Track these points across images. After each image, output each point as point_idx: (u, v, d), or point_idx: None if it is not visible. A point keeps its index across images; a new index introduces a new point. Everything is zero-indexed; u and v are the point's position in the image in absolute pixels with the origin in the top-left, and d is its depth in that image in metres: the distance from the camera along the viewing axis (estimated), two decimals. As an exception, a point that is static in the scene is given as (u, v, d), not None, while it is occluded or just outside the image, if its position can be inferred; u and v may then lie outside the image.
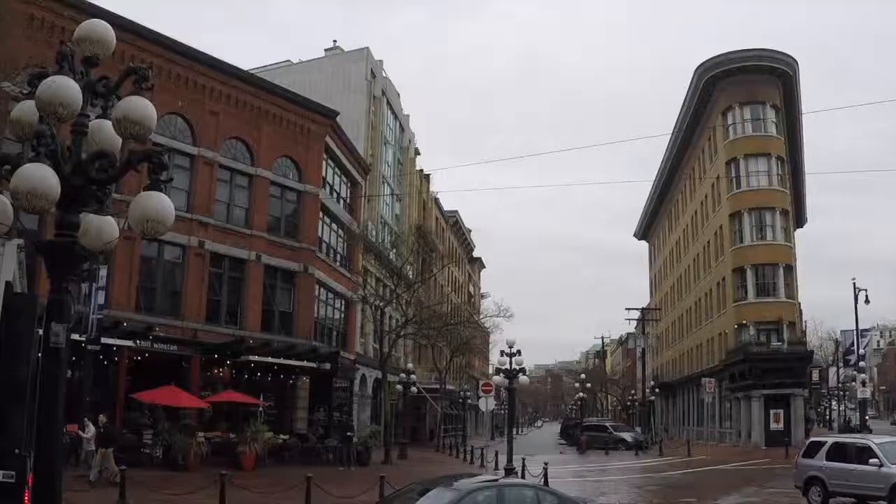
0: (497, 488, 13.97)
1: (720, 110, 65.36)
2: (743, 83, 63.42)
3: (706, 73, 64.78)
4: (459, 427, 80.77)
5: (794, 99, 65.86)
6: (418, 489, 14.64)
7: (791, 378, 56.90)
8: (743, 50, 63.62)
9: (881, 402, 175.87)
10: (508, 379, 30.87)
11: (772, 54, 63.08)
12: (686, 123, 73.21)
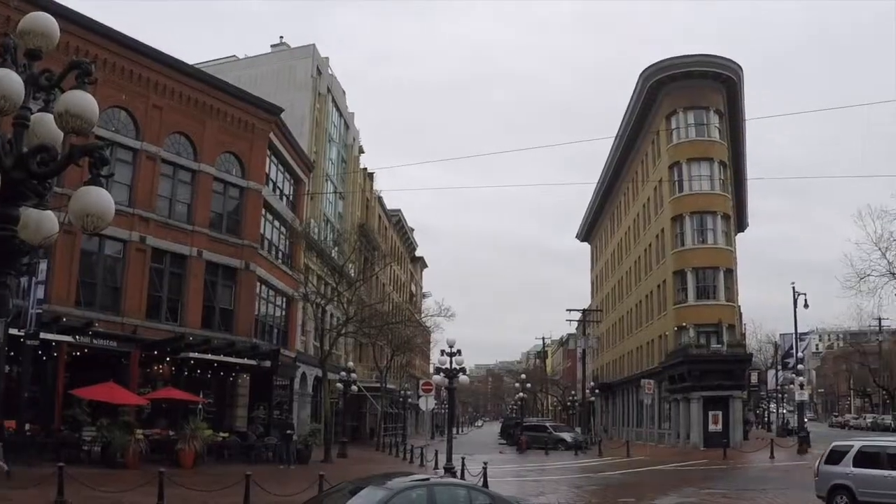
0: (428, 487, 13.94)
1: (664, 114, 65.85)
2: (687, 88, 63.97)
3: (651, 78, 65.22)
4: (400, 426, 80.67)
5: (738, 104, 66.60)
6: (350, 488, 14.62)
7: (730, 380, 57.54)
8: (688, 55, 64.09)
9: (819, 404, 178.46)
10: (449, 378, 30.88)
11: (716, 60, 63.61)
12: (630, 127, 73.68)
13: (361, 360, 70.80)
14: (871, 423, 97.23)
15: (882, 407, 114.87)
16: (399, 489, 13.58)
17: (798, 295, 62.33)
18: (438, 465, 37.20)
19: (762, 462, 42.33)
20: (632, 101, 70.84)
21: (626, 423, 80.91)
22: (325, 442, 43.82)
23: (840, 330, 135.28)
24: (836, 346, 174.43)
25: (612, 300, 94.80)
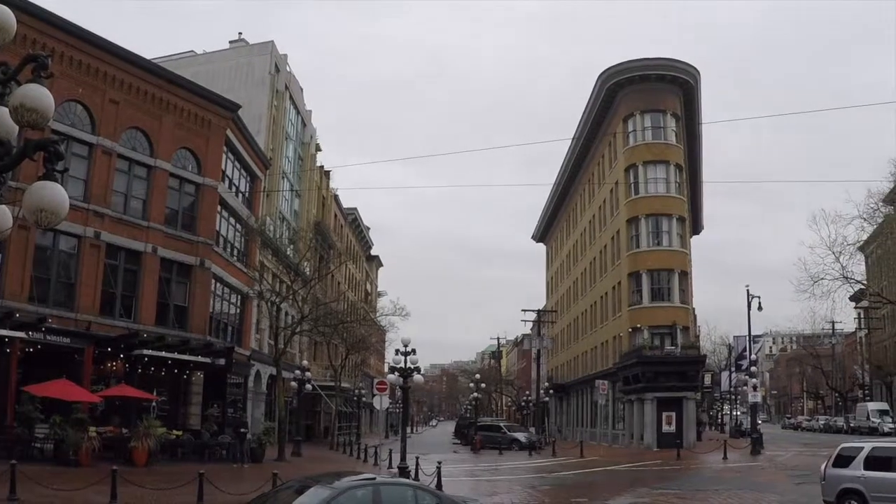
0: (374, 486, 13.86)
1: (621, 117, 66.15)
2: (645, 91, 64.35)
3: (609, 80, 65.50)
4: (354, 425, 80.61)
5: (695, 108, 67.12)
6: (296, 486, 14.51)
7: (684, 381, 57.92)
8: (645, 58, 64.50)
9: (772, 406, 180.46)
10: (403, 378, 30.83)
11: (674, 64, 64.06)
12: (587, 128, 74.01)
13: (316, 358, 70.58)
14: (824, 425, 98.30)
15: (835, 409, 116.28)
16: (344, 488, 13.47)
17: (752, 298, 62.91)
18: (392, 465, 37.20)
19: (715, 463, 42.61)
20: (589, 103, 71.12)
21: (581, 424, 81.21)
22: (279, 441, 43.61)
23: (793, 333, 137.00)
24: (789, 348, 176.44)
25: (567, 301, 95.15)
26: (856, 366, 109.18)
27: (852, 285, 61.22)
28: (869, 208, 57.33)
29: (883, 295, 71.45)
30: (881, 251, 70.75)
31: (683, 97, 65.38)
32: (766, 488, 28.56)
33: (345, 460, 47.17)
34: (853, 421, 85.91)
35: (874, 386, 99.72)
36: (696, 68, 64.82)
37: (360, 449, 49.59)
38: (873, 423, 77.46)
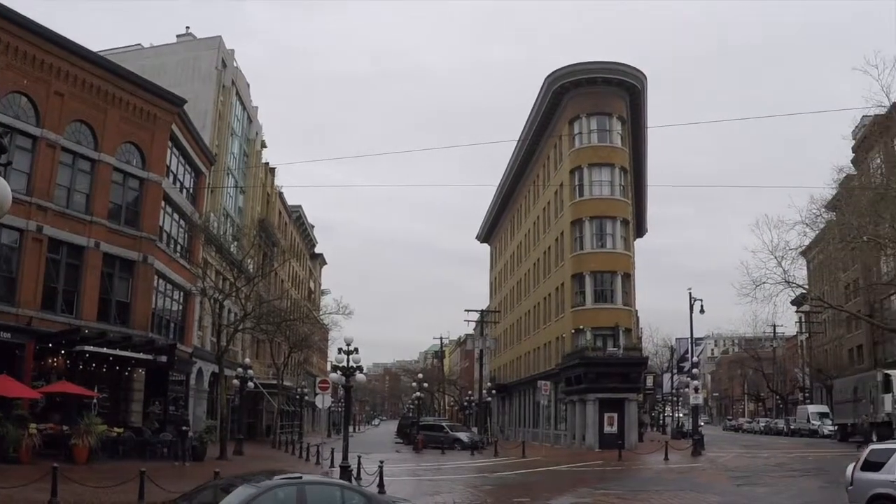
0: (298, 486, 13.77)
1: (567, 119, 66.24)
2: (591, 94, 64.55)
3: (556, 82, 65.62)
4: (296, 424, 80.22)
5: (641, 112, 67.55)
6: (222, 484, 14.46)
7: (626, 383, 58.24)
8: (593, 62, 64.66)
9: (714, 408, 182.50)
10: (346, 376, 30.65)
11: (620, 67, 64.28)
12: (533, 130, 74.09)
13: (258, 356, 70.26)
14: (765, 428, 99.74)
15: (775, 411, 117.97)
16: (268, 487, 13.39)
17: (694, 301, 63.58)
18: (334, 464, 37.03)
19: (657, 464, 42.84)
20: (536, 105, 71.24)
21: (523, 424, 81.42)
22: (221, 439, 43.33)
23: (735, 335, 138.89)
24: (731, 351, 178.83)
25: (510, 301, 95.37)
26: (796, 369, 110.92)
27: (794, 290, 61.98)
28: (811, 214, 58.18)
29: (824, 299, 72.39)
30: (823, 256, 71.67)
31: (630, 101, 65.70)
32: (707, 489, 28.78)
33: (287, 459, 46.90)
34: (794, 423, 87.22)
35: (814, 389, 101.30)
36: (642, 72, 65.21)
37: (303, 448, 49.35)
38: (813, 425, 78.66)
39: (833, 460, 40.85)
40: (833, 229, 58.93)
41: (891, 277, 69.48)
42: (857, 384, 60.19)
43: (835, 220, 58.59)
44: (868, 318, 73.96)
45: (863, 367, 79.41)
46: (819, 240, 67.01)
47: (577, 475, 36.53)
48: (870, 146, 64.41)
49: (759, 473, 34.76)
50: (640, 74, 65.08)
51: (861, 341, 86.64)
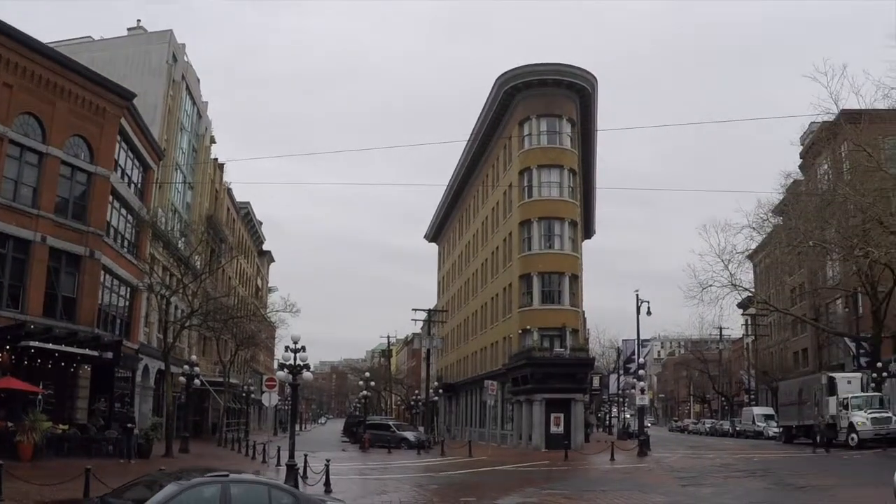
0: (223, 484, 13.66)
1: (517, 120, 66.40)
2: (542, 96, 64.80)
3: (507, 84, 65.78)
4: (242, 422, 79.84)
5: (591, 114, 67.93)
6: (146, 480, 14.41)
7: (572, 383, 58.50)
8: (544, 63, 64.92)
9: (659, 409, 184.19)
10: (292, 374, 30.39)
11: (571, 70, 64.57)
12: (483, 130, 74.24)
13: (205, 353, 69.88)
14: (710, 429, 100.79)
15: (721, 413, 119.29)
16: (192, 484, 13.30)
17: (641, 302, 64.03)
18: (281, 462, 36.85)
19: (603, 464, 43.03)
20: (486, 106, 71.36)
21: (469, 424, 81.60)
22: (167, 436, 43.01)
23: (682, 337, 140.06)
24: (677, 352, 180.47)
25: (458, 301, 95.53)
26: (742, 371, 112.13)
27: (740, 293, 62.99)
28: (759, 218, 59.18)
29: (770, 303, 73.49)
30: (769, 260, 72.73)
31: (580, 103, 66.01)
32: (653, 489, 28.89)
33: (232, 457, 46.62)
34: (739, 425, 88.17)
35: (760, 391, 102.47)
36: (593, 75, 65.58)
37: (249, 446, 49.06)
38: (759, 427, 79.52)
39: (778, 461, 41.38)
40: (780, 234, 59.84)
41: (836, 282, 70.56)
42: (801, 387, 60.94)
43: (782, 224, 59.51)
44: (813, 322, 75.06)
45: (808, 369, 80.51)
46: (766, 244, 67.98)
47: (523, 475, 36.56)
48: (817, 152, 65.30)
49: (705, 474, 34.96)
50: (591, 77, 65.44)
51: (806, 344, 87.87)
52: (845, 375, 57.04)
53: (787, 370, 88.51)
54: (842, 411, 51.84)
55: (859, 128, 47.01)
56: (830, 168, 61.10)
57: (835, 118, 48.50)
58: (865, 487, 27.57)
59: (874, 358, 57.38)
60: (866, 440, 48.34)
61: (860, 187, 45.33)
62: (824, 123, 54.46)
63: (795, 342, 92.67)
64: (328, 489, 26.31)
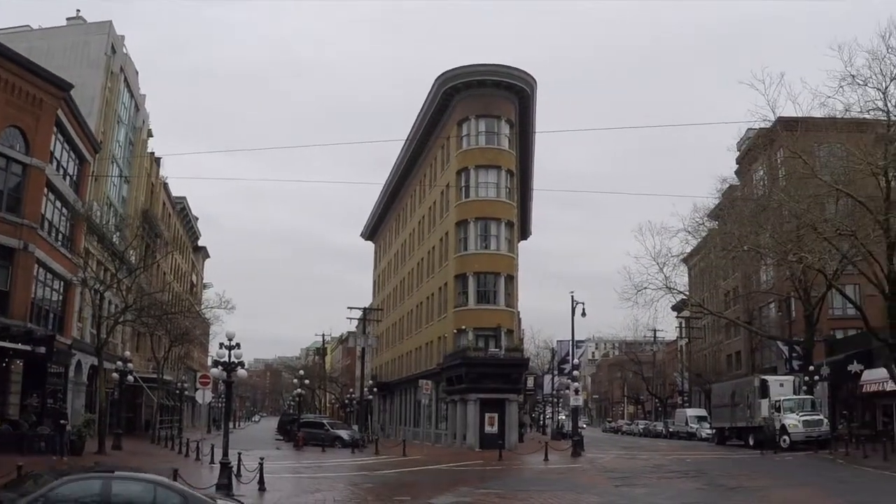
0: (104, 480, 13.55)
1: (456, 120, 66.46)
2: (481, 96, 64.92)
3: (446, 83, 65.81)
4: (176, 419, 79.08)
5: (529, 116, 68.15)
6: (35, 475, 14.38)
7: (507, 383, 58.71)
8: (484, 64, 65.01)
9: (594, 409, 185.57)
10: (227, 372, 30.20)
11: (510, 71, 64.74)
12: (422, 130, 74.26)
13: (139, 349, 69.03)
14: (644, 430, 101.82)
15: (654, 414, 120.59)
16: (67, 480, 13.24)
17: (577, 304, 64.62)
18: (214, 460, 36.63)
19: (537, 464, 43.27)
20: (425, 105, 71.36)
21: (404, 423, 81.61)
22: (100, 433, 42.61)
23: (616, 339, 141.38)
24: (611, 354, 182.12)
25: (393, 300, 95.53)
26: (675, 373, 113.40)
27: (675, 295, 63.72)
28: (694, 222, 59.97)
29: (704, 306, 74.44)
30: (704, 264, 73.71)
31: (519, 104, 66.27)
32: (587, 489, 29.13)
33: (165, 454, 46.32)
34: (672, 426, 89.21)
35: (693, 393, 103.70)
36: (532, 77, 65.83)
37: (182, 443, 48.70)
38: (692, 428, 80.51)
39: (710, 463, 41.94)
40: (715, 238, 60.66)
41: (770, 286, 71.70)
42: (734, 389, 61.83)
43: (717, 229, 60.30)
44: (746, 325, 76.20)
45: (740, 372, 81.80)
46: (701, 248, 68.83)
47: (457, 474, 36.67)
48: (754, 158, 66.25)
49: (638, 475, 35.31)
50: (530, 79, 65.69)
51: (739, 347, 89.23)
52: (778, 378, 58.09)
53: (720, 372, 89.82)
54: (774, 414, 52.75)
55: (795, 135, 47.71)
56: (766, 174, 61.93)
57: (772, 125, 49.18)
58: (797, 488, 28.15)
59: (806, 361, 58.49)
60: (798, 442, 49.31)
61: (795, 193, 46.00)
62: (761, 130, 55.17)
63: (729, 345, 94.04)
64: (262, 487, 26.33)
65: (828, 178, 44.36)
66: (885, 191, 42.14)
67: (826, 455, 43.88)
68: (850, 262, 47.63)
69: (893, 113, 40.95)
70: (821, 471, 35.36)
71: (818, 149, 49.15)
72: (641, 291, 60.04)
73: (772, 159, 60.66)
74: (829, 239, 44.64)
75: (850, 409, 58.31)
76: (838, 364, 57.37)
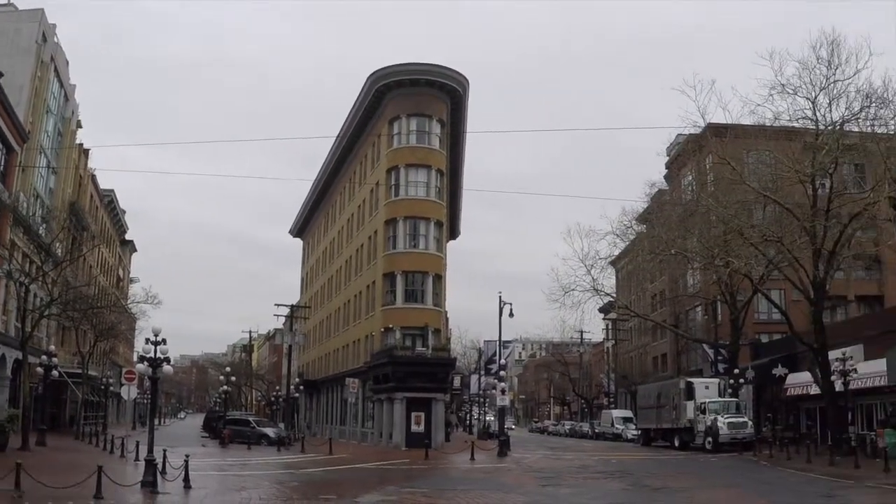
0: None
1: (388, 119, 66.43)
2: (413, 95, 64.99)
3: (379, 81, 65.67)
4: (101, 415, 78.14)
5: (461, 116, 68.41)
6: None
7: (433, 383, 58.94)
8: (417, 63, 65.08)
9: (520, 410, 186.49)
10: (152, 368, 29.90)
11: (443, 70, 64.87)
12: (353, 127, 74.04)
13: (64, 344, 68.16)
14: (570, 430, 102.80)
15: (580, 415, 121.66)
16: None
17: (504, 304, 64.89)
18: (139, 457, 36.28)
19: (463, 463, 43.42)
20: (357, 102, 71.14)
21: (330, 421, 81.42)
22: (24, 429, 41.92)
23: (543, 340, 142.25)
24: (538, 354, 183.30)
25: (321, 297, 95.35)
26: (602, 374, 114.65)
27: (602, 297, 64.46)
28: (623, 225, 60.78)
29: (631, 308, 75.33)
30: (631, 267, 74.54)
31: (451, 104, 66.48)
32: (513, 489, 29.30)
33: (90, 451, 45.82)
34: (598, 427, 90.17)
35: (619, 394, 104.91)
36: (465, 77, 66.05)
37: (107, 440, 48.13)
38: (617, 429, 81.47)
39: (636, 463, 42.52)
40: (643, 241, 61.53)
41: (696, 290, 72.80)
42: (660, 391, 62.68)
43: (645, 232, 61.17)
44: (673, 328, 77.31)
45: (667, 374, 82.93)
46: (629, 250, 69.63)
47: (383, 473, 36.73)
48: (683, 163, 67.24)
49: (564, 475, 35.64)
50: (463, 79, 65.90)
51: (666, 350, 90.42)
52: (703, 381, 59.14)
53: (646, 374, 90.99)
54: (699, 415, 53.69)
55: (725, 141, 48.61)
56: (695, 179, 63.00)
57: (701, 131, 50.00)
58: (721, 490, 28.70)
59: (732, 364, 59.56)
60: (723, 444, 50.30)
61: (723, 199, 46.90)
62: (691, 136, 56.11)
63: (655, 347, 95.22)
64: (187, 485, 26.21)
65: (756, 184, 45.26)
66: (812, 198, 43.20)
67: (750, 457, 44.75)
68: (776, 267, 48.67)
69: (822, 122, 41.92)
70: (745, 472, 36.03)
71: (747, 156, 50.11)
72: (569, 293, 60.80)
73: (701, 165, 61.68)
74: (755, 244, 45.57)
75: (774, 412, 59.49)
76: (763, 367, 58.49)
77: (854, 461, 35.01)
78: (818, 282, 43.59)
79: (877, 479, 29.61)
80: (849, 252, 47.94)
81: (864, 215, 42.24)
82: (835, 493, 26.15)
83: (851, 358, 41.45)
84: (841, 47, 40.80)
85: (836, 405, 43.58)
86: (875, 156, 40.08)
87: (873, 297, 69.16)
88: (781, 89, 41.67)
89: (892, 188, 38.68)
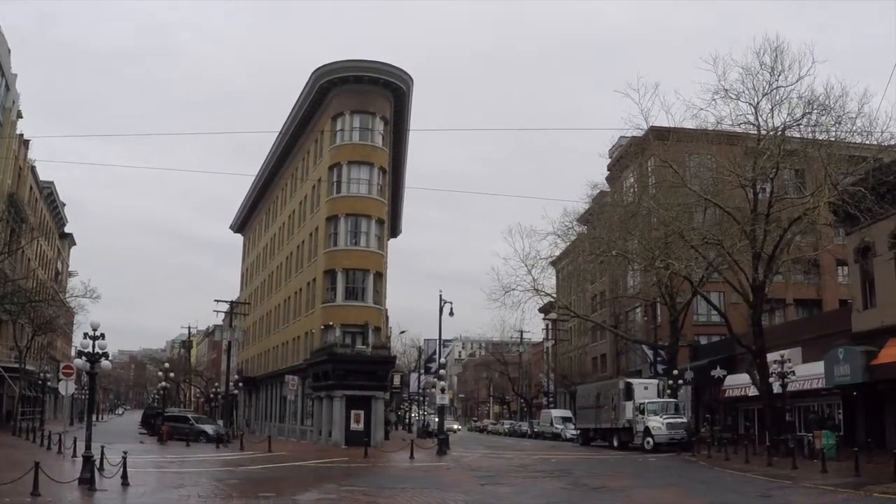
0: None
1: (331, 115, 66.29)
2: (357, 92, 64.89)
3: (323, 77, 65.42)
4: (38, 410, 77.34)
5: (404, 114, 68.51)
6: None
7: (373, 381, 58.84)
8: (361, 60, 65.04)
9: (459, 408, 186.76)
10: (90, 363, 29.76)
11: (387, 68, 64.84)
12: (296, 123, 73.72)
13: (0, 338, 67.35)
14: (509, 429, 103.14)
15: (520, 414, 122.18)
16: None
17: (444, 303, 65.21)
18: (77, 453, 36.07)
19: (402, 462, 43.53)
20: (301, 98, 70.89)
21: (270, 419, 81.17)
22: (-41, 424, 41.62)
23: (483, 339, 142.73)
24: (478, 354, 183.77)
25: (261, 294, 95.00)
26: (541, 374, 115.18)
27: (542, 297, 64.96)
28: (564, 226, 61.25)
29: (571, 308, 75.82)
30: (572, 267, 75.12)
31: (395, 102, 66.54)
32: (452, 487, 29.37)
33: (26, 447, 45.50)
34: (537, 426, 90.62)
35: (558, 394, 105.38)
36: (409, 75, 66.15)
37: (44, 436, 47.77)
38: (556, 428, 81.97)
39: (575, 463, 42.87)
40: (584, 242, 62.16)
41: (636, 291, 73.57)
42: (599, 391, 63.21)
43: (586, 233, 61.77)
44: (613, 329, 78.07)
45: (606, 374, 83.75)
46: (570, 251, 70.25)
47: (322, 471, 36.73)
48: (625, 165, 67.95)
49: (503, 474, 35.81)
50: (407, 77, 66.00)
51: (605, 350, 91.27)
52: (642, 381, 59.82)
53: (585, 374, 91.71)
54: (638, 416, 54.34)
55: (667, 144, 49.27)
56: (636, 181, 63.70)
57: (644, 134, 50.60)
58: (659, 489, 29.17)
59: (671, 365, 60.39)
60: (661, 444, 51.01)
61: (664, 201, 47.52)
62: (633, 138, 56.69)
63: (595, 348, 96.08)
64: (125, 482, 26.12)
65: (697, 187, 46.00)
66: (753, 202, 43.99)
67: (689, 457, 45.31)
68: (716, 270, 49.48)
69: (764, 127, 42.67)
70: (683, 472, 36.57)
71: (689, 159, 50.86)
72: (509, 292, 61.20)
73: (643, 167, 62.40)
74: (695, 247, 46.33)
75: (712, 413, 60.29)
76: (702, 369, 59.41)
77: (792, 462, 35.60)
78: (757, 285, 44.35)
79: (814, 479, 30.12)
80: (788, 256, 48.95)
81: (804, 220, 42.95)
82: (772, 493, 26.63)
83: (790, 360, 42.19)
84: (784, 54, 41.59)
85: (774, 407, 44.33)
86: (815, 161, 40.66)
87: (812, 300, 70.19)
88: (724, 94, 42.34)
89: (831, 193, 39.35)
